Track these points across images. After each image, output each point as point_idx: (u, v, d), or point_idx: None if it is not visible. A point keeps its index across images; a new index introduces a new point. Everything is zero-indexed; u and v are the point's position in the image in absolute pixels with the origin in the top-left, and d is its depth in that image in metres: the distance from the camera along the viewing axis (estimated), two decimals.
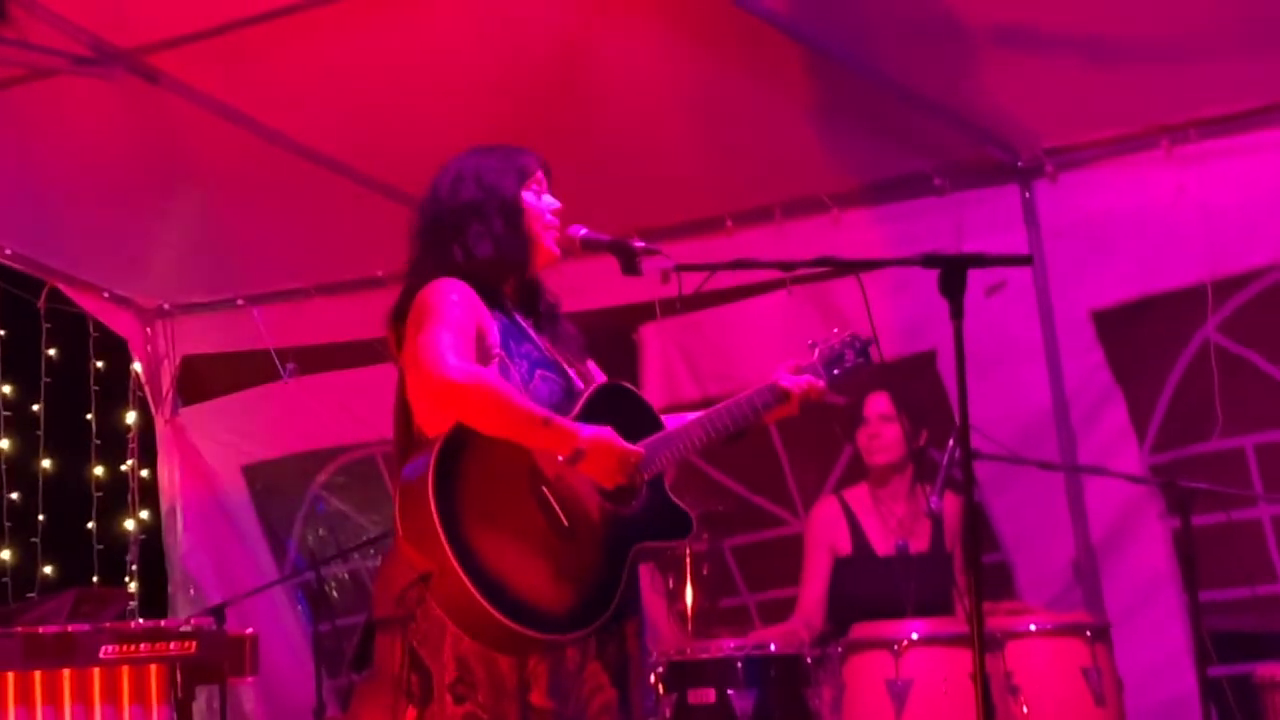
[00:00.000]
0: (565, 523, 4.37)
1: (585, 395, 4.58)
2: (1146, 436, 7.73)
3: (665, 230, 8.19)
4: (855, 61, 6.92)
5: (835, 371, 4.99)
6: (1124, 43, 6.78)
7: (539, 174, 4.73)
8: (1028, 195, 7.78)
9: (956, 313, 4.43)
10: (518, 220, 4.63)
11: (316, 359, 9.32)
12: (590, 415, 4.49)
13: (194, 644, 6.02)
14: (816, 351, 4.96)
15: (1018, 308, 7.68)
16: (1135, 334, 7.72)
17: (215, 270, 9.10)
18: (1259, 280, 7.44)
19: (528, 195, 4.67)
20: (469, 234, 4.57)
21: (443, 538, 4.20)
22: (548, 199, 4.75)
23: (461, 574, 4.18)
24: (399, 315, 4.53)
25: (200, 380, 9.71)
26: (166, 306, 9.59)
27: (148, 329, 9.61)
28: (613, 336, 8.65)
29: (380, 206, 7.79)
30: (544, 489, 4.36)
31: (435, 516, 4.21)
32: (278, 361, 9.32)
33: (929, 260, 4.51)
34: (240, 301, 9.33)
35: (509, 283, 4.66)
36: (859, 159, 7.80)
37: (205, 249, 8.80)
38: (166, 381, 9.65)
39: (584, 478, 4.41)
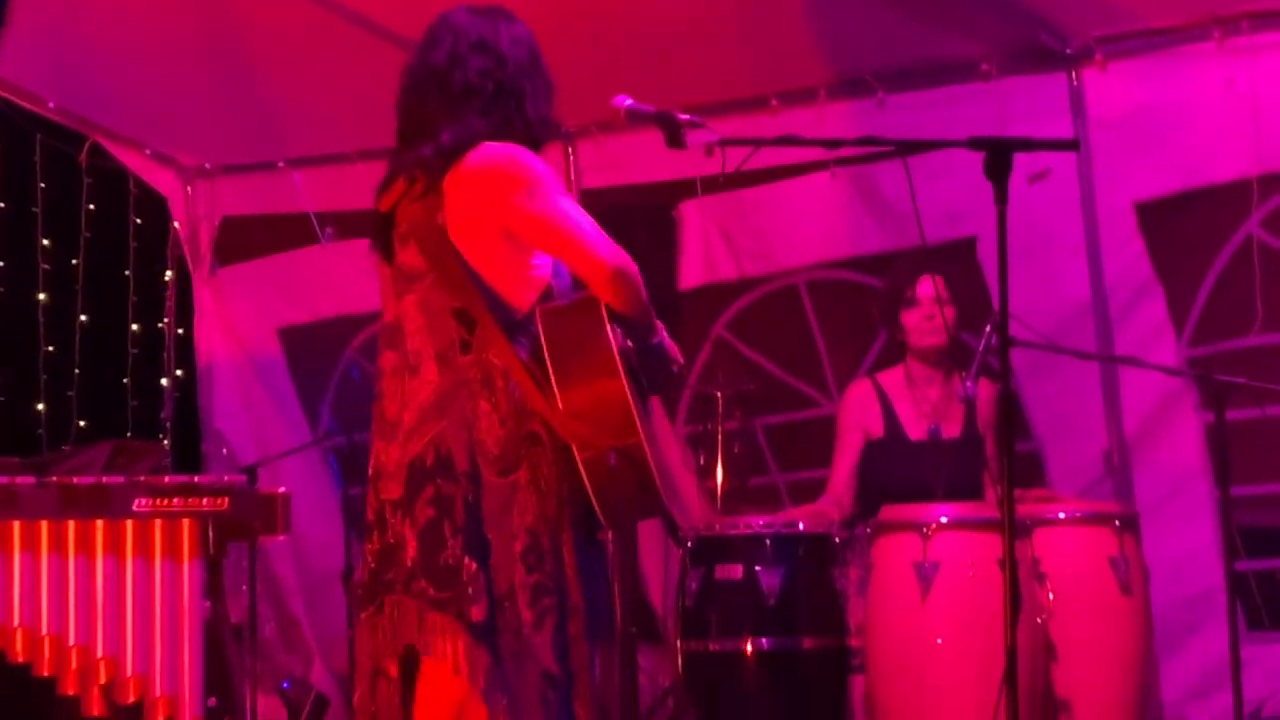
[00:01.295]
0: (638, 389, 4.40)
1: None
2: (1184, 330, 7.71)
3: (709, 107, 8.12)
4: None
5: None
6: None
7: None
8: (1075, 83, 7.71)
9: (1001, 197, 4.43)
10: (550, 91, 4.60)
11: (355, 224, 9.30)
12: None
13: (227, 500, 6.07)
14: None
15: (1060, 197, 7.64)
16: (1177, 227, 7.69)
17: (258, 132, 9.07)
18: None
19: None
20: (524, 100, 4.49)
21: (635, 409, 4.22)
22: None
23: (647, 444, 4.22)
24: (441, 163, 4.37)
25: (239, 241, 9.70)
26: (208, 166, 9.57)
27: (188, 188, 9.60)
28: (652, 212, 8.65)
29: None
30: (622, 355, 4.36)
31: (627, 392, 4.22)
32: (316, 225, 9.32)
33: (975, 143, 4.50)
34: (281, 164, 9.30)
35: None
36: (906, 42, 7.75)
37: (249, 110, 8.77)
38: (205, 241, 9.66)
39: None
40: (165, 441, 9.60)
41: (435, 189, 4.37)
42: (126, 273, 9.76)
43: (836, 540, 6.52)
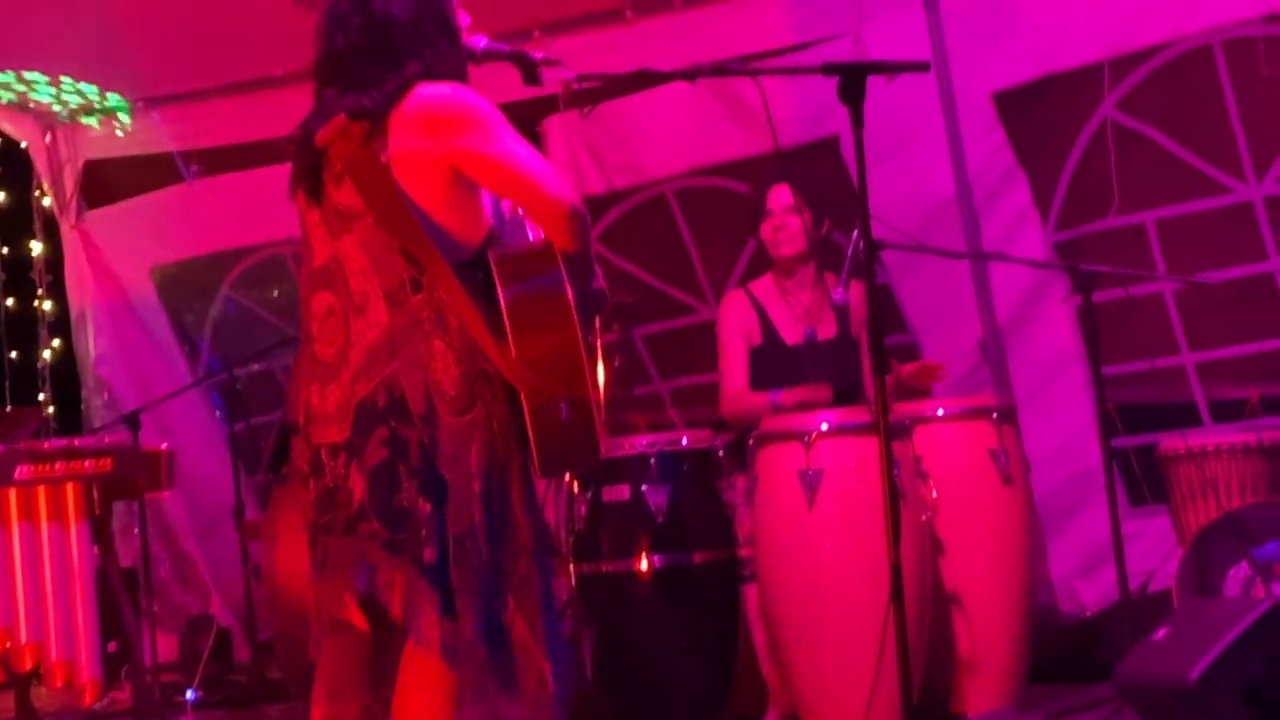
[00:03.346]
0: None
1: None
2: (1049, 215, 7.83)
3: (564, 23, 8.20)
4: None
5: None
6: None
7: None
8: None
9: (857, 120, 4.45)
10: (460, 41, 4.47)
11: (220, 160, 9.27)
12: None
13: (110, 461, 6.06)
14: None
15: (919, 92, 7.68)
16: (1036, 114, 7.78)
17: (114, 73, 8.99)
18: (1155, 56, 7.51)
19: (463, 18, 4.48)
20: (456, 35, 4.40)
21: (585, 366, 4.20)
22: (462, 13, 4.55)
23: (596, 398, 4.23)
24: (384, 105, 4.27)
25: (104, 184, 9.64)
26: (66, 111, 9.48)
27: (48, 135, 9.50)
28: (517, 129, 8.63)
29: (277, 5, 7.70)
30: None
31: (581, 344, 4.20)
32: (181, 163, 9.27)
33: (828, 69, 4.52)
34: (140, 103, 9.23)
35: None
36: None
37: (102, 52, 8.68)
38: (70, 187, 9.58)
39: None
40: (47, 403, 9.59)
41: (379, 131, 4.27)
42: None
43: (720, 453, 6.57)
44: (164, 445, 6.26)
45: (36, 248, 9.93)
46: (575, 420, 4.18)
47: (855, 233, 6.09)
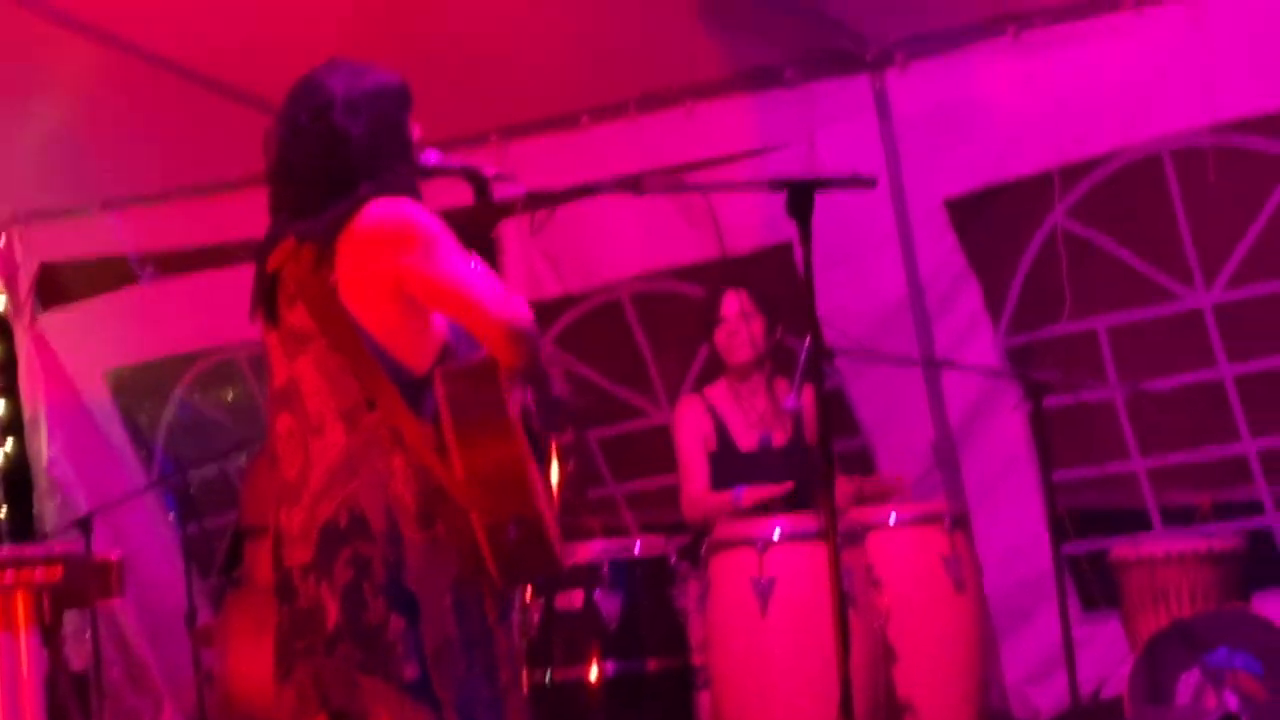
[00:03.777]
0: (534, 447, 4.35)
1: None
2: (1001, 320, 7.87)
3: (521, 127, 8.24)
4: None
5: None
6: None
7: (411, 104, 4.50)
8: (878, 85, 7.83)
9: (805, 236, 4.46)
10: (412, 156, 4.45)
11: (175, 262, 9.28)
12: None
13: (60, 569, 6.00)
14: None
15: (872, 196, 7.65)
16: (988, 220, 7.84)
17: (70, 176, 8.98)
18: (1105, 165, 7.58)
19: (416, 131, 4.47)
20: (405, 151, 4.38)
21: (535, 480, 4.18)
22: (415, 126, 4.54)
23: (548, 515, 4.19)
24: (324, 233, 4.27)
25: (59, 286, 9.63)
26: (21, 212, 9.46)
27: (3, 236, 9.51)
28: (473, 235, 8.65)
29: (230, 110, 7.76)
30: (521, 416, 4.32)
31: (528, 458, 4.18)
32: (136, 266, 9.27)
33: (775, 184, 4.54)
34: (95, 207, 9.22)
35: None
36: (712, 53, 7.79)
37: (60, 155, 8.66)
38: (24, 289, 9.56)
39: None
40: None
41: (327, 252, 4.26)
42: None
43: (673, 560, 6.58)
44: (116, 552, 6.20)
45: None
46: (526, 535, 4.16)
47: (808, 340, 6.16)
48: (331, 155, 4.32)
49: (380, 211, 4.25)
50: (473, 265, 4.27)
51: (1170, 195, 7.49)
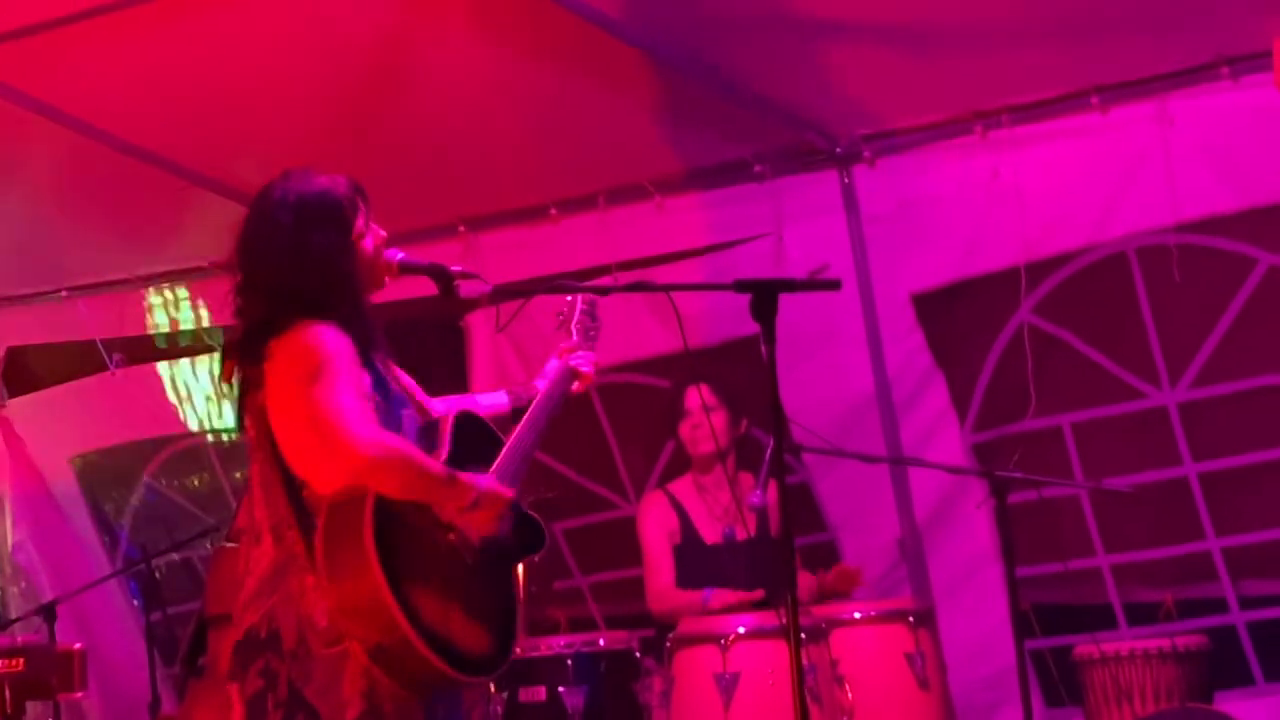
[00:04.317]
0: (469, 561, 4.37)
1: (448, 431, 4.51)
2: (967, 416, 7.89)
3: (489, 218, 8.28)
4: (675, 51, 6.95)
5: (591, 334, 5.44)
6: (937, 30, 6.86)
7: (363, 207, 4.51)
8: (846, 181, 7.85)
9: (769, 337, 4.49)
10: (358, 268, 4.46)
11: (142, 349, 9.28)
12: (455, 448, 4.47)
13: (22, 661, 6.03)
14: (574, 325, 5.41)
15: (840, 292, 7.71)
16: (954, 316, 7.86)
17: (38, 263, 8.99)
18: (1071, 263, 7.61)
19: (364, 242, 4.48)
20: (321, 285, 4.40)
21: (394, 608, 4.15)
22: (375, 228, 4.54)
23: (415, 639, 4.16)
24: (251, 351, 4.35)
25: (26, 372, 9.63)
26: None
27: None
28: (440, 325, 8.68)
29: (201, 199, 7.78)
30: (449, 534, 4.33)
31: (385, 588, 4.16)
32: (104, 352, 9.26)
33: (740, 285, 4.58)
34: (64, 293, 9.21)
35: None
36: (681, 146, 7.83)
37: (28, 242, 8.69)
38: None
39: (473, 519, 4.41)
40: None
41: (256, 374, 4.34)
42: None
43: (637, 655, 6.57)
44: (79, 644, 6.22)
45: None
46: (397, 657, 4.18)
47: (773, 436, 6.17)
48: (298, 271, 4.38)
49: (288, 336, 4.31)
50: (341, 399, 4.25)
51: (1136, 293, 7.52)
